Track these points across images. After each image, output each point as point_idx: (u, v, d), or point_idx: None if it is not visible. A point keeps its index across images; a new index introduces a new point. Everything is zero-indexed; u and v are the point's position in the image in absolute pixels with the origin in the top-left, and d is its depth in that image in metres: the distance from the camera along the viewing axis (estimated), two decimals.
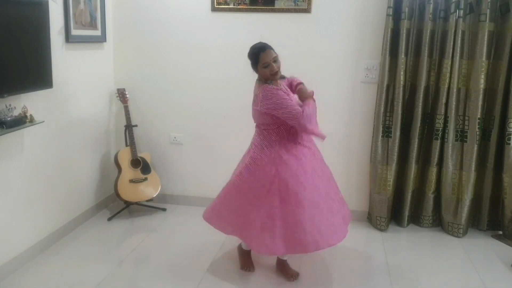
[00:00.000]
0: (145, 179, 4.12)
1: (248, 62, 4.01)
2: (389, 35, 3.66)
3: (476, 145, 3.71)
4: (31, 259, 3.29)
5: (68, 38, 3.52)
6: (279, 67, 2.83)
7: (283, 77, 3.02)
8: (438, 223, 4.02)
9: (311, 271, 3.28)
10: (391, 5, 3.61)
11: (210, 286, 3.05)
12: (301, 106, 2.85)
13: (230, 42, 4.03)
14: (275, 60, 2.80)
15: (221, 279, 3.13)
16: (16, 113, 2.99)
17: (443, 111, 3.75)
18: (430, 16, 3.60)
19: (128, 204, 4.13)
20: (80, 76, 3.77)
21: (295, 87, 3.03)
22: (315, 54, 3.97)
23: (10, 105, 2.93)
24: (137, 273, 3.25)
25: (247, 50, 4.02)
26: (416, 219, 4.07)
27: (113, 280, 3.11)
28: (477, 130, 3.69)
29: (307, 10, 3.87)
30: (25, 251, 3.26)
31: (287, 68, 4.03)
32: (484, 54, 3.58)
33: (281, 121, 2.84)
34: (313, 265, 3.37)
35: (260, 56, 2.79)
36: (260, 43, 2.88)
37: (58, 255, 3.42)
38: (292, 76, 3.14)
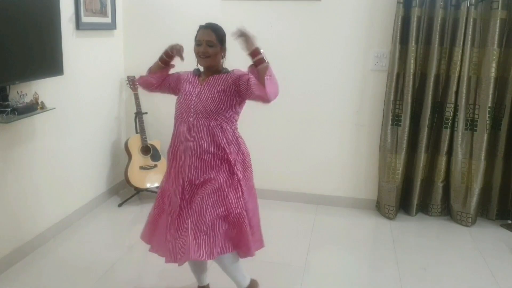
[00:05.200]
0: (155, 166, 4.15)
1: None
2: (399, 23, 3.64)
3: (486, 134, 3.69)
4: (42, 244, 3.35)
5: (79, 25, 3.54)
6: (210, 54, 2.42)
7: (226, 71, 2.53)
8: (447, 212, 4.02)
9: (319, 259, 3.31)
10: None
11: (219, 270, 3.08)
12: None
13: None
14: (210, 44, 2.41)
15: None
16: (27, 100, 3.02)
17: (453, 100, 3.72)
18: (441, 3, 3.57)
19: (138, 190, 4.17)
20: (90, 64, 3.79)
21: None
22: (325, 42, 3.96)
23: (21, 92, 2.96)
24: (146, 258, 3.28)
25: (257, 36, 4.02)
26: (424, 208, 4.06)
27: (123, 265, 3.16)
28: (488, 119, 3.67)
29: None
30: (37, 237, 3.31)
31: (298, 55, 4.04)
32: (496, 42, 3.55)
33: None
34: (321, 253, 3.39)
35: (198, 32, 2.48)
36: (210, 23, 2.52)
37: (69, 241, 3.48)
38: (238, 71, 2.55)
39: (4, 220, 3.00)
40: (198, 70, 2.59)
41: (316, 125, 4.11)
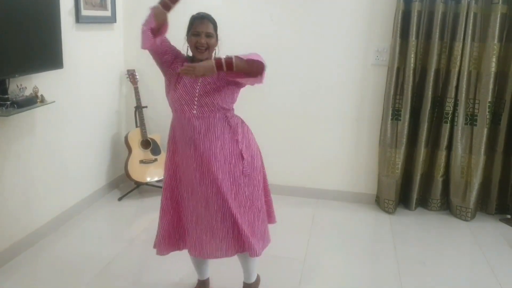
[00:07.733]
0: (155, 160, 4.16)
1: (260, 42, 4.03)
2: (400, 17, 3.63)
3: (486, 129, 3.70)
4: (43, 237, 3.36)
5: (78, 18, 3.53)
6: (209, 45, 2.37)
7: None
8: (446, 206, 4.03)
9: (318, 253, 3.32)
10: None
11: (220, 262, 3.09)
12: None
13: (240, 21, 4.02)
14: (209, 35, 2.36)
15: (230, 259, 3.17)
16: (27, 93, 3.02)
17: (453, 95, 3.73)
18: None
19: (138, 184, 4.17)
20: (90, 57, 3.79)
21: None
22: (325, 36, 3.95)
23: (21, 85, 2.96)
24: (147, 252, 3.28)
25: (257, 28, 4.03)
26: (424, 202, 4.07)
27: (124, 259, 3.17)
28: (487, 113, 3.67)
29: None
30: (38, 229, 3.32)
31: (298, 49, 4.03)
32: (496, 37, 3.55)
33: None
34: (320, 247, 3.40)
35: (195, 22, 2.41)
36: (204, 13, 2.46)
37: (70, 234, 3.48)
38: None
39: (2, 214, 3.00)
40: (192, 58, 2.48)
41: (316, 119, 4.11)
